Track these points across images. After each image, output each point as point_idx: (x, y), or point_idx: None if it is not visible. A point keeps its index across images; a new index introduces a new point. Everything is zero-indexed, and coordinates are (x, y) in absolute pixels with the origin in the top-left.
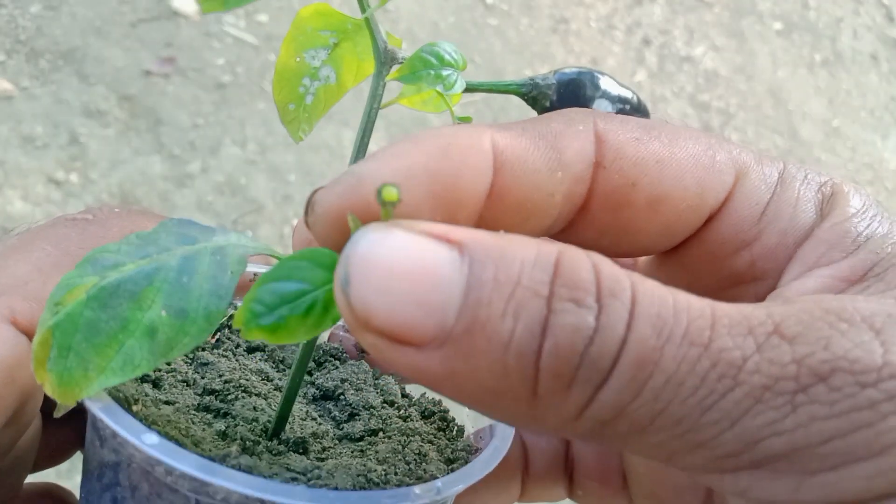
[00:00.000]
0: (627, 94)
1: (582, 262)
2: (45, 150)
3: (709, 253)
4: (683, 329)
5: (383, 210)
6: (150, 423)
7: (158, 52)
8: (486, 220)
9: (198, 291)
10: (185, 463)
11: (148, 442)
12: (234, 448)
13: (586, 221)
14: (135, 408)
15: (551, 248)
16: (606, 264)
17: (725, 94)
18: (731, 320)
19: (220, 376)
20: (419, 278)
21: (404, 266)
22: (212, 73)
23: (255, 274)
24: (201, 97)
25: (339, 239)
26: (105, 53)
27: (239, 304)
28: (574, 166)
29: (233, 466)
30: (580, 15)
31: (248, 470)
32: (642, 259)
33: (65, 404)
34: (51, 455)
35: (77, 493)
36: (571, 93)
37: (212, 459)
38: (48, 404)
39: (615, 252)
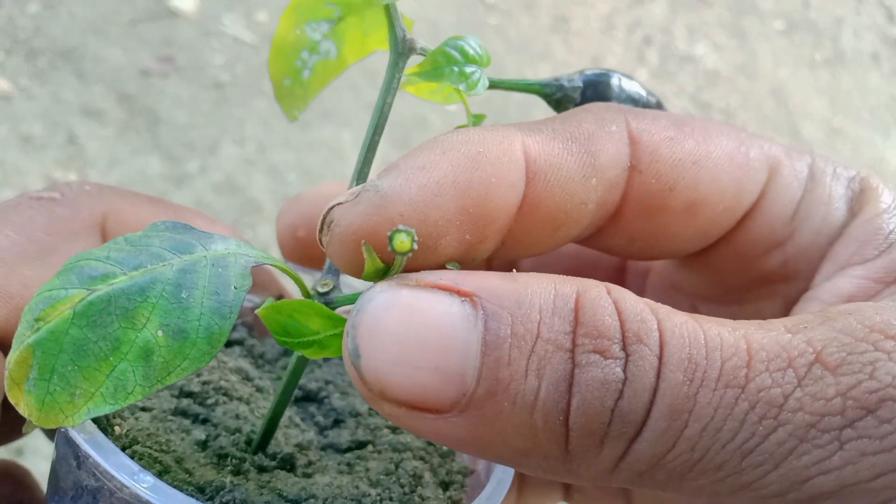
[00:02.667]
0: (652, 99)
1: (603, 303)
2: (43, 150)
3: (739, 253)
4: (718, 371)
5: (397, 259)
6: (130, 441)
7: (157, 51)
8: (516, 232)
9: (198, 309)
10: None
11: (143, 485)
12: (228, 480)
13: (618, 228)
14: (117, 429)
15: (569, 290)
16: (629, 301)
17: (727, 94)
18: (768, 354)
19: (198, 376)
20: (433, 342)
21: (415, 331)
22: (211, 72)
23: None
24: (200, 96)
25: (357, 261)
26: (104, 53)
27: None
28: (608, 171)
29: (226, 503)
30: (581, 14)
31: (242, 503)
32: (659, 261)
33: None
34: (8, 433)
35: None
36: (596, 95)
37: (202, 490)
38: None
39: (643, 257)
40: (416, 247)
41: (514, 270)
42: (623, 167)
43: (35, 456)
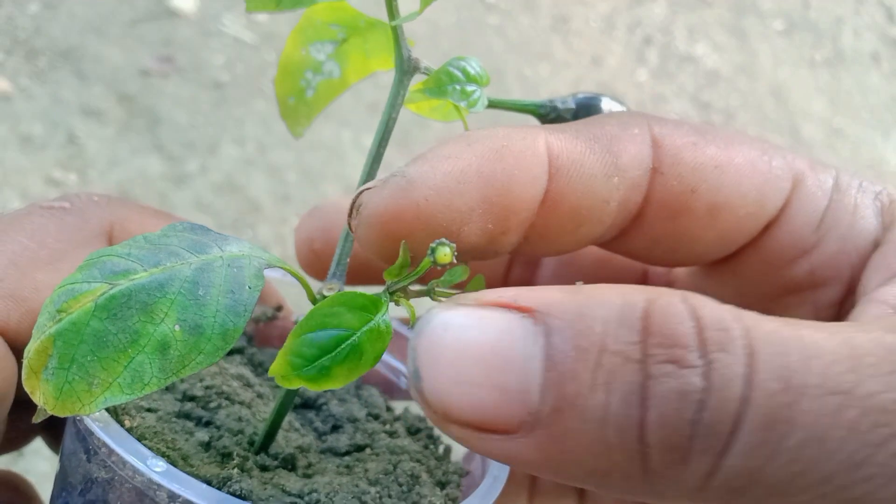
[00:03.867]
0: None
1: (675, 311)
2: (43, 150)
3: (765, 261)
4: (819, 377)
5: (426, 258)
6: (139, 436)
7: (157, 51)
8: (538, 227)
9: (214, 306)
10: (194, 492)
11: (156, 469)
12: (235, 472)
13: (640, 230)
14: (127, 423)
15: (637, 298)
16: (708, 308)
17: (726, 94)
18: (874, 358)
19: (201, 381)
20: (493, 361)
21: (475, 350)
22: (210, 72)
23: None
24: (200, 96)
25: (383, 244)
26: (103, 53)
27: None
28: (630, 171)
29: (233, 492)
30: (581, 14)
31: (248, 494)
32: (682, 269)
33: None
34: (10, 442)
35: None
36: (588, 117)
37: (209, 483)
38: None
39: (667, 262)
40: (455, 261)
41: (580, 283)
42: (645, 168)
43: (35, 456)
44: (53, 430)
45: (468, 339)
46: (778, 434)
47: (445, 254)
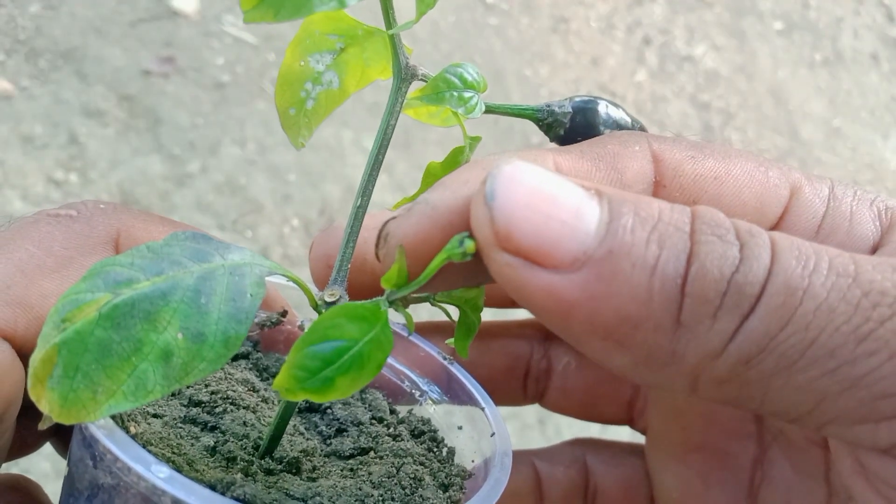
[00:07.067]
0: (637, 125)
1: (717, 211)
2: (44, 150)
3: None
4: (827, 263)
5: (434, 263)
6: (144, 442)
7: (158, 51)
8: None
9: (216, 314)
10: (197, 497)
11: (160, 475)
12: (239, 476)
13: None
14: (132, 429)
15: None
16: (739, 220)
17: (726, 94)
18: (872, 260)
19: (206, 386)
20: (564, 202)
21: (548, 189)
22: (211, 72)
23: None
24: (201, 97)
25: (411, 270)
26: (104, 53)
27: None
28: (636, 186)
29: (237, 497)
30: (580, 14)
31: (252, 499)
32: None
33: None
34: (20, 447)
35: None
36: (585, 121)
37: (213, 488)
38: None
39: None
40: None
41: None
42: (648, 182)
43: (36, 455)
44: (62, 435)
45: (546, 179)
46: (795, 300)
47: (471, 246)
